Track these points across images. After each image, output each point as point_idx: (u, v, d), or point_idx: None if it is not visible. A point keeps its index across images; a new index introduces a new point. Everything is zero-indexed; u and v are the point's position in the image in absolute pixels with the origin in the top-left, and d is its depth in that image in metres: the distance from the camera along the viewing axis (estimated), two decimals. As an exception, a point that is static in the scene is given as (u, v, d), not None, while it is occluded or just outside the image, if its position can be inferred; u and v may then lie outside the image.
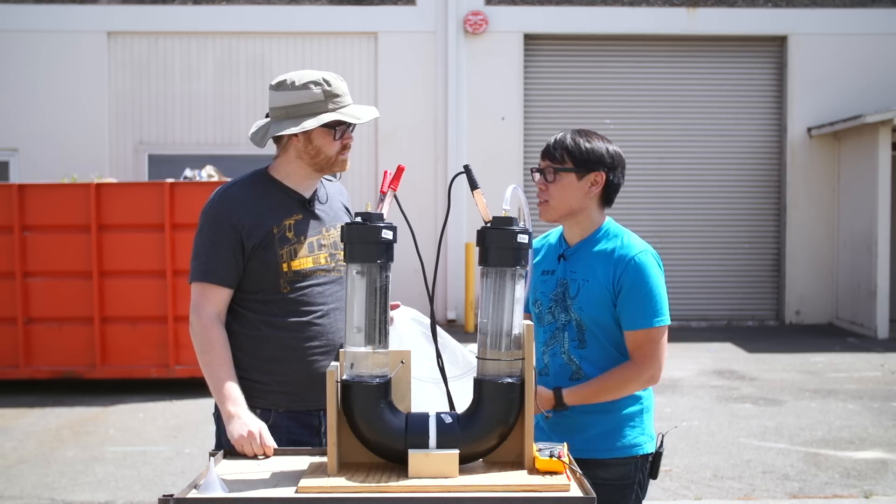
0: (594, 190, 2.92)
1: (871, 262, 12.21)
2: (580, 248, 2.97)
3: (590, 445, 2.88)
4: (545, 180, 2.92)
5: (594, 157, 2.90)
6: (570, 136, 2.93)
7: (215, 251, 2.93)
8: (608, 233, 2.96)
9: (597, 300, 2.88)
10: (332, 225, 3.06)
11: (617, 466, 2.90)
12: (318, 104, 2.91)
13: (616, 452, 2.90)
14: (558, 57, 13.49)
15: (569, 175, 2.90)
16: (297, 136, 2.95)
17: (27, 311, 8.93)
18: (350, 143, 3.00)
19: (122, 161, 13.09)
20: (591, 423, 2.88)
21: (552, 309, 2.96)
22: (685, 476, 6.17)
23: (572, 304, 2.91)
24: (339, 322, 3.00)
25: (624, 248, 2.91)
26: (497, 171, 12.35)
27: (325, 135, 2.94)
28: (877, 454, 6.68)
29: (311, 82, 2.92)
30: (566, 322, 2.92)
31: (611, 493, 2.85)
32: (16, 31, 12.85)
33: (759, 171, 13.58)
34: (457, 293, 13.03)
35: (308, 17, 13.08)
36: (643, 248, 2.93)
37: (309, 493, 2.25)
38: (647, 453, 2.95)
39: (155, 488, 6.00)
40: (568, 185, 2.91)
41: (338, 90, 2.95)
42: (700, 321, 13.31)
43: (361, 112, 2.97)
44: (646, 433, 2.96)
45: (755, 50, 13.58)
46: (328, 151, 2.96)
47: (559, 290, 2.95)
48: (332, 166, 3.00)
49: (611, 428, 2.91)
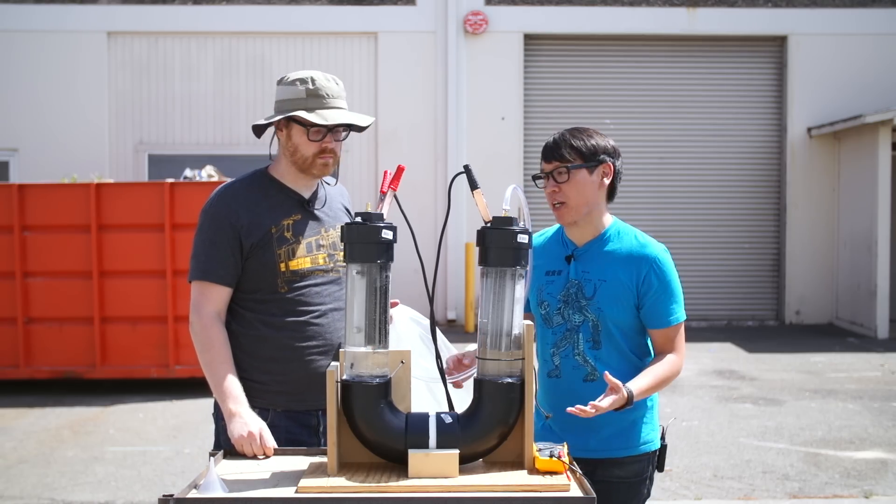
0: (605, 181, 2.92)
1: (871, 262, 12.21)
2: (591, 247, 2.95)
3: (606, 445, 2.88)
4: (556, 182, 2.89)
5: (599, 149, 2.90)
6: (568, 134, 2.92)
7: (214, 250, 2.94)
8: (619, 232, 2.96)
9: (618, 300, 2.87)
10: (332, 226, 3.06)
11: (633, 464, 2.92)
12: (297, 101, 2.92)
13: (632, 450, 2.92)
14: (558, 57, 13.49)
15: (581, 171, 2.88)
16: (282, 130, 2.99)
17: (27, 311, 8.92)
18: (330, 148, 2.96)
19: (122, 161, 13.09)
20: (606, 423, 2.87)
21: (561, 310, 2.93)
22: (685, 476, 6.17)
23: (588, 305, 2.89)
24: (338, 322, 3.00)
25: (644, 248, 2.91)
26: (497, 171, 12.35)
27: (301, 133, 2.95)
28: (877, 454, 6.68)
29: (298, 79, 2.94)
30: (580, 323, 2.90)
31: (626, 490, 2.89)
32: (16, 31, 12.84)
33: (759, 171, 13.58)
34: (457, 293, 13.03)
35: (308, 16, 13.08)
36: (661, 246, 2.96)
37: (309, 493, 2.25)
38: (657, 448, 2.98)
39: (155, 488, 6.00)
40: (582, 182, 2.89)
41: (324, 91, 2.93)
42: (700, 321, 13.31)
43: (336, 115, 2.93)
44: (655, 429, 2.99)
45: (755, 50, 13.58)
46: (304, 151, 2.96)
47: (570, 291, 2.93)
48: (309, 168, 2.98)
49: (625, 426, 2.91)
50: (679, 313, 2.92)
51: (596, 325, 2.89)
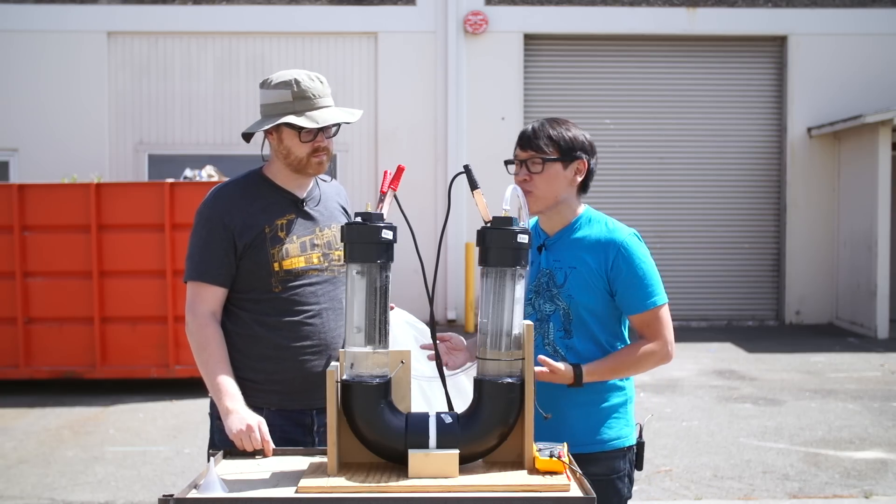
0: (577, 178, 2.92)
1: (871, 261, 12.21)
2: (561, 236, 2.95)
3: (577, 440, 2.81)
4: (529, 171, 2.89)
5: (577, 145, 2.90)
6: (548, 125, 2.90)
7: (208, 251, 2.95)
8: (589, 219, 2.95)
9: (588, 286, 2.86)
10: (327, 225, 3.07)
11: (607, 460, 2.88)
12: (285, 105, 2.93)
13: (604, 446, 2.88)
14: (558, 57, 13.49)
15: (555, 165, 2.88)
16: (272, 135, 2.99)
17: (27, 311, 8.92)
18: (323, 146, 2.97)
19: (122, 161, 13.09)
20: (578, 417, 2.85)
21: (532, 300, 2.92)
22: (685, 476, 6.17)
23: (560, 293, 2.88)
24: (332, 322, 3.01)
25: (611, 233, 2.90)
26: (497, 171, 12.21)
27: (292, 136, 2.95)
28: (877, 454, 6.68)
29: (282, 83, 2.94)
30: (551, 312, 2.90)
31: (604, 488, 2.80)
32: (16, 32, 12.84)
33: (759, 171, 13.58)
34: (457, 293, 13.03)
35: (308, 17, 13.08)
36: (629, 230, 2.93)
37: (309, 493, 2.25)
38: (632, 444, 2.94)
39: (155, 488, 6.00)
40: (554, 175, 2.89)
41: (309, 92, 2.93)
42: (700, 321, 13.31)
43: (326, 115, 2.94)
44: (630, 424, 2.96)
45: (755, 50, 13.58)
46: (297, 153, 2.97)
47: (542, 280, 2.92)
48: (304, 168, 2.99)
49: (597, 421, 2.88)
50: (655, 297, 2.86)
51: (567, 313, 2.88)
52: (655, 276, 2.90)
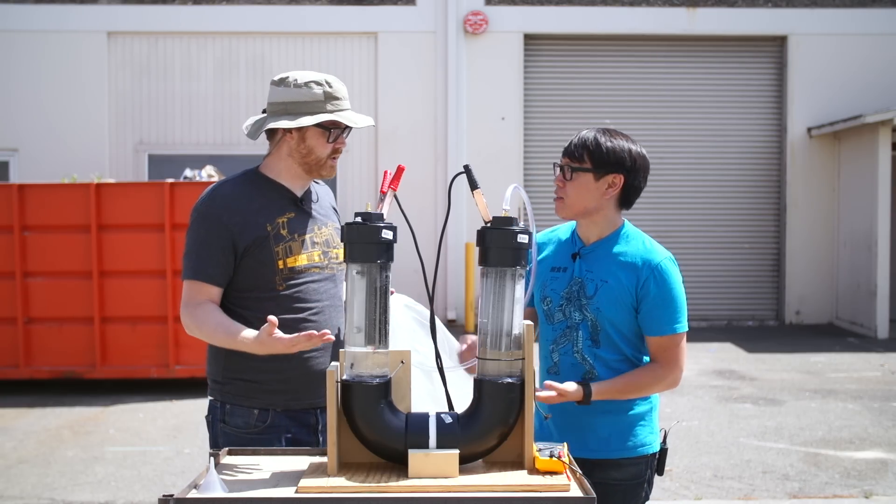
0: (611, 192, 2.90)
1: (871, 261, 12.21)
2: (598, 247, 2.94)
3: (604, 446, 2.88)
4: (563, 178, 2.91)
5: (613, 158, 2.87)
6: (593, 134, 2.89)
7: (205, 250, 2.93)
8: (627, 235, 2.95)
9: (616, 301, 2.86)
10: (324, 223, 3.08)
11: (630, 466, 2.91)
12: (317, 104, 2.92)
13: (629, 452, 2.91)
14: (558, 57, 13.49)
15: (586, 175, 2.88)
16: (292, 134, 2.96)
17: (27, 311, 8.92)
18: (342, 149, 3.01)
19: (122, 161, 13.09)
20: (604, 424, 2.88)
21: (563, 307, 2.93)
22: (685, 476, 6.17)
23: (588, 304, 2.89)
24: (334, 319, 3.01)
25: (648, 253, 2.89)
26: (497, 171, 12.36)
27: (319, 135, 2.95)
28: (877, 454, 6.69)
29: (313, 81, 2.93)
30: (580, 321, 2.90)
31: (623, 492, 2.88)
32: (16, 32, 12.84)
33: (759, 171, 13.58)
34: (457, 293, 13.02)
35: (308, 17, 13.08)
36: (666, 254, 2.93)
37: (309, 493, 2.25)
38: (656, 451, 2.97)
39: (155, 488, 6.00)
40: (584, 185, 2.89)
41: (338, 93, 2.95)
42: (700, 321, 13.30)
43: (358, 118, 2.98)
44: (654, 431, 2.98)
45: (755, 50, 13.58)
46: (319, 153, 2.97)
47: (573, 289, 2.92)
48: (320, 169, 3.00)
49: (623, 428, 2.91)
50: (678, 324, 2.86)
51: (595, 324, 2.88)
52: (683, 304, 2.89)
